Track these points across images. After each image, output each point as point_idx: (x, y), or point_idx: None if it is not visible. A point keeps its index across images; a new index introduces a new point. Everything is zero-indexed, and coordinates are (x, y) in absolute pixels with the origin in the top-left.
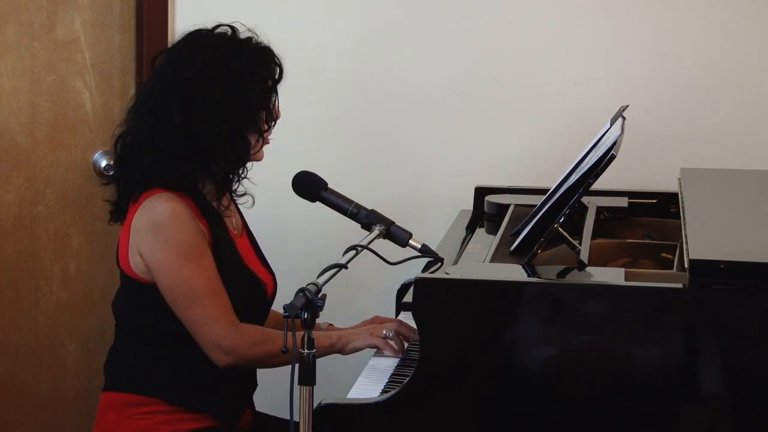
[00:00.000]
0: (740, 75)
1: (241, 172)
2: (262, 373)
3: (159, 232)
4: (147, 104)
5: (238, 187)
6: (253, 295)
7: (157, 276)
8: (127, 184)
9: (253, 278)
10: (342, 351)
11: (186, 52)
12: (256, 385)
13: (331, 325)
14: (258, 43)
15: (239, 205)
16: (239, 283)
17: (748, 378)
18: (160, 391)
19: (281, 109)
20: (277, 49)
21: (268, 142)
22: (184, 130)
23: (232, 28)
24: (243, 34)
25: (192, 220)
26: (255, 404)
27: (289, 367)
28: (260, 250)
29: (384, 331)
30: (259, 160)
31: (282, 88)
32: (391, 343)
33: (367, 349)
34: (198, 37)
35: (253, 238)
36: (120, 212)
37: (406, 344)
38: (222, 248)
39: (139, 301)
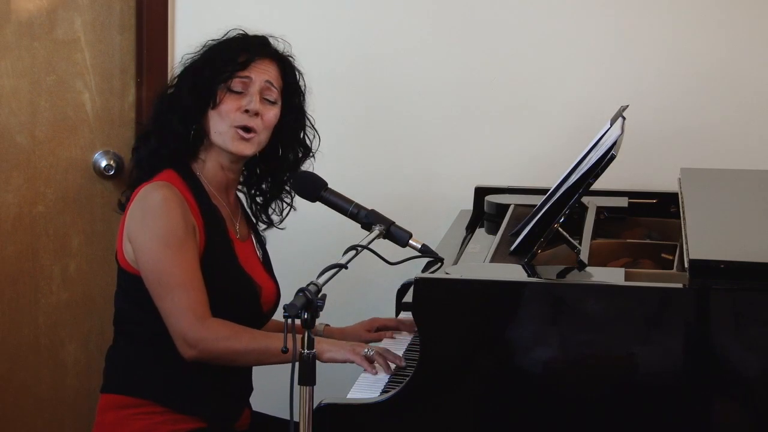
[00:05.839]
0: (740, 75)
1: (282, 197)
2: (262, 374)
3: (146, 215)
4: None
5: (273, 214)
6: (242, 296)
7: (139, 261)
8: (138, 173)
9: (247, 280)
10: (319, 358)
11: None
12: (252, 388)
13: (327, 325)
14: (242, 34)
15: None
16: (231, 283)
17: (748, 378)
18: (156, 394)
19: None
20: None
21: (242, 137)
22: (160, 107)
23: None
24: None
25: (181, 210)
26: (254, 405)
27: (289, 367)
28: (269, 260)
29: (365, 350)
30: (237, 152)
31: None
32: (371, 362)
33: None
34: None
35: (263, 247)
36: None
37: (392, 365)
38: (216, 247)
39: (134, 297)
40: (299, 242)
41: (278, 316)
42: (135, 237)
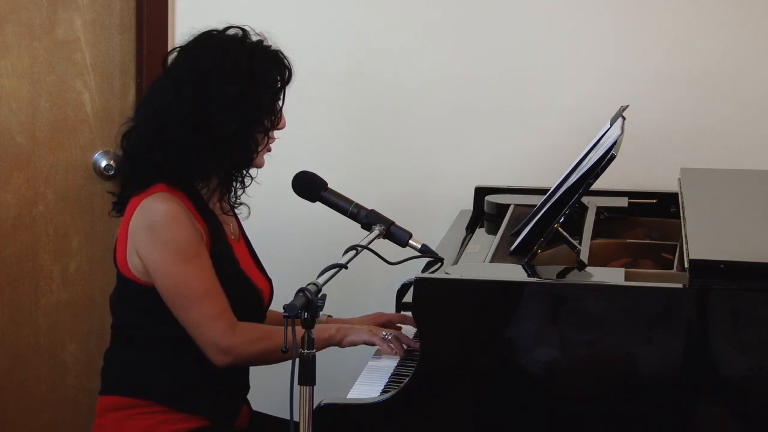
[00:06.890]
0: (740, 75)
1: (245, 176)
2: (261, 373)
3: (155, 232)
4: (157, 98)
5: (241, 194)
6: (248, 300)
7: (155, 277)
8: (133, 178)
9: (249, 284)
10: (339, 343)
11: (199, 50)
12: (248, 387)
13: (329, 316)
14: (269, 46)
15: (237, 213)
16: (235, 288)
17: (748, 378)
18: (154, 395)
19: (285, 117)
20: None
21: (270, 149)
22: (193, 123)
23: (243, 30)
24: (253, 37)
25: (189, 221)
26: (254, 404)
27: (289, 365)
28: (257, 256)
29: (384, 333)
30: (259, 166)
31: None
32: (390, 344)
33: (366, 348)
34: (211, 36)
35: (250, 244)
36: (122, 205)
37: (405, 346)
38: (219, 252)
39: (134, 303)
40: (299, 242)
41: (276, 308)
42: (147, 255)
